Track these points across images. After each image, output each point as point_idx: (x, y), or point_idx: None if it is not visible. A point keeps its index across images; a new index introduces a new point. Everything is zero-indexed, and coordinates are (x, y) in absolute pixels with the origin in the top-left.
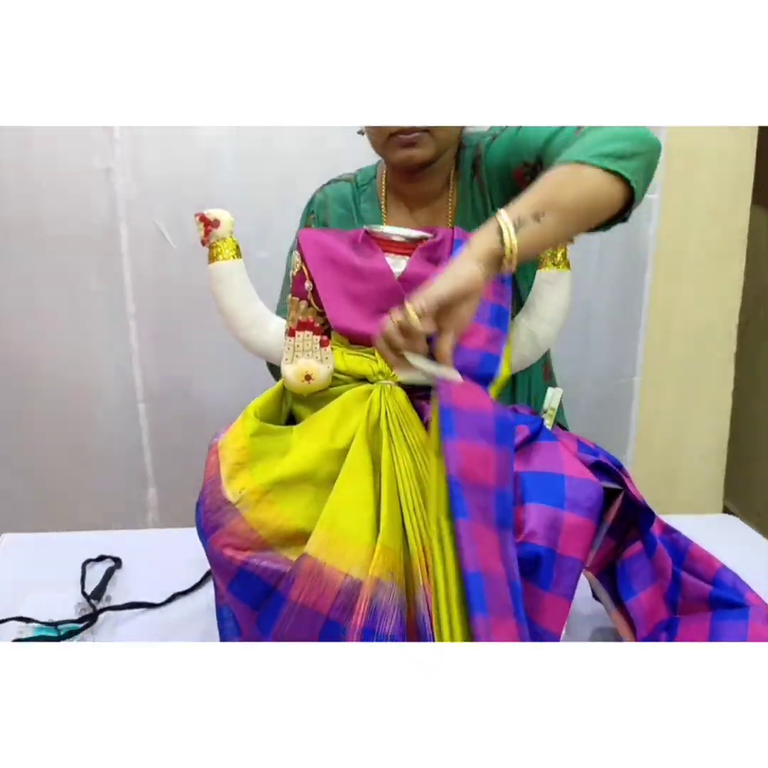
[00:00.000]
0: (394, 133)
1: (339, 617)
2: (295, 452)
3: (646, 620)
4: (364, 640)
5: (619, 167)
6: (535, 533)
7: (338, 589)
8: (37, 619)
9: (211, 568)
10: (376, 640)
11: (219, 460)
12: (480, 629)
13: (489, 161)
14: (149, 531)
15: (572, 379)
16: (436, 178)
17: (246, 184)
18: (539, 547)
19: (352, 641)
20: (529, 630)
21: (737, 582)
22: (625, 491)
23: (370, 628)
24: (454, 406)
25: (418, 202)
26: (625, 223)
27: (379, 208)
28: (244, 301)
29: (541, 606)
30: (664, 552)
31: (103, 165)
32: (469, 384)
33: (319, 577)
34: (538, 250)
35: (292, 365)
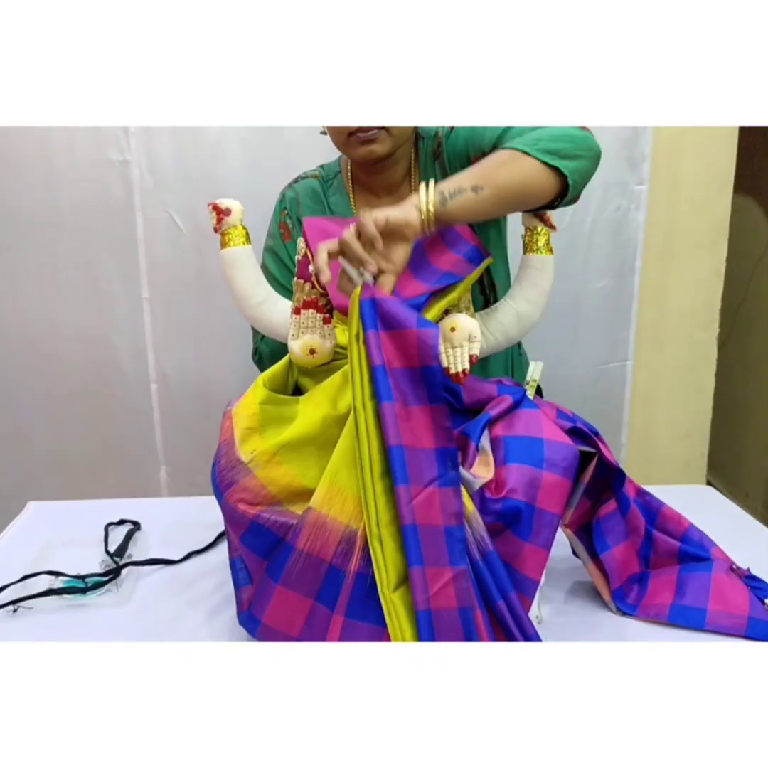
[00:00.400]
0: (353, 132)
1: (340, 563)
2: (301, 418)
3: (619, 572)
4: (356, 583)
5: (560, 164)
6: (516, 490)
7: (339, 537)
8: (66, 573)
9: (225, 523)
10: (368, 585)
11: (232, 425)
12: (402, 498)
13: (450, 149)
14: (165, 499)
15: (566, 364)
16: (398, 168)
17: (253, 174)
18: (519, 502)
19: (348, 584)
20: (511, 577)
21: (704, 539)
22: (599, 454)
23: (364, 572)
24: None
25: (384, 190)
26: (616, 213)
27: (347, 199)
28: (253, 283)
29: (522, 555)
30: (638, 512)
31: (119, 157)
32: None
33: (323, 528)
34: (471, 217)
35: (298, 341)
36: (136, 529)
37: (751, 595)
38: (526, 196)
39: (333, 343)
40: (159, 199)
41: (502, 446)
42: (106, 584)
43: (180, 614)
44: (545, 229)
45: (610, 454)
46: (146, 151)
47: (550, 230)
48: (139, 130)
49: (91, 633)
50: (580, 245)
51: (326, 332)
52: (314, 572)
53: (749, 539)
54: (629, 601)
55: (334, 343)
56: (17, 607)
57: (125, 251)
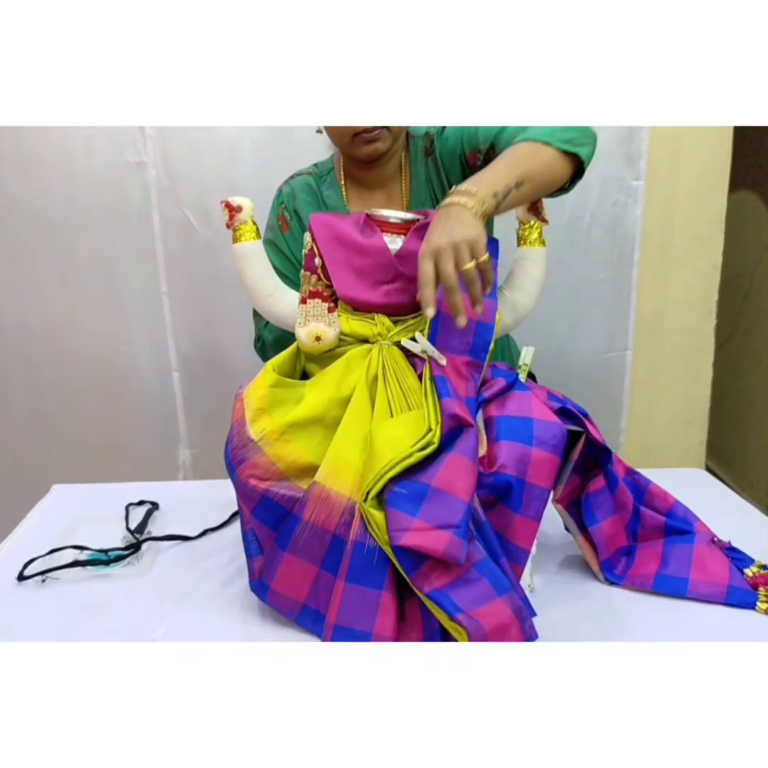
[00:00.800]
0: (358, 132)
1: (343, 533)
2: (307, 400)
3: (607, 544)
4: (354, 552)
5: (577, 150)
6: (507, 465)
7: (342, 509)
8: (89, 547)
9: (236, 498)
10: (365, 552)
11: (243, 406)
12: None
13: (442, 147)
14: (182, 482)
15: (568, 353)
16: (391, 164)
17: (263, 174)
18: (510, 477)
19: (348, 552)
20: (503, 548)
21: (688, 514)
22: (587, 433)
23: (361, 540)
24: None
25: (376, 184)
26: (614, 208)
27: (340, 193)
28: (263, 275)
29: (513, 527)
30: (626, 490)
31: (136, 159)
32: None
33: (327, 500)
34: (510, 209)
35: (305, 328)
36: (155, 509)
37: (731, 565)
38: (550, 184)
39: (337, 330)
40: (174, 198)
41: (494, 425)
42: (128, 557)
43: (196, 583)
44: (538, 222)
45: (597, 433)
46: (162, 153)
47: (543, 223)
48: (156, 133)
49: (113, 601)
50: (579, 239)
51: (331, 320)
52: (319, 541)
53: (736, 517)
54: (617, 571)
55: (338, 331)
56: (45, 578)
57: (143, 248)
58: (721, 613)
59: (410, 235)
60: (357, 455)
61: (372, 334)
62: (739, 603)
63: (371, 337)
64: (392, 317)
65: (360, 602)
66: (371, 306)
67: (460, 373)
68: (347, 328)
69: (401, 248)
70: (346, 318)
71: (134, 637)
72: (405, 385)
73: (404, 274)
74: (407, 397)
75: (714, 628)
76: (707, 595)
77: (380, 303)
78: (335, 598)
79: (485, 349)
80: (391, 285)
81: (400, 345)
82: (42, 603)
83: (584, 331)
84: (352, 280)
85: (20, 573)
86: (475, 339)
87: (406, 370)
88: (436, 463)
